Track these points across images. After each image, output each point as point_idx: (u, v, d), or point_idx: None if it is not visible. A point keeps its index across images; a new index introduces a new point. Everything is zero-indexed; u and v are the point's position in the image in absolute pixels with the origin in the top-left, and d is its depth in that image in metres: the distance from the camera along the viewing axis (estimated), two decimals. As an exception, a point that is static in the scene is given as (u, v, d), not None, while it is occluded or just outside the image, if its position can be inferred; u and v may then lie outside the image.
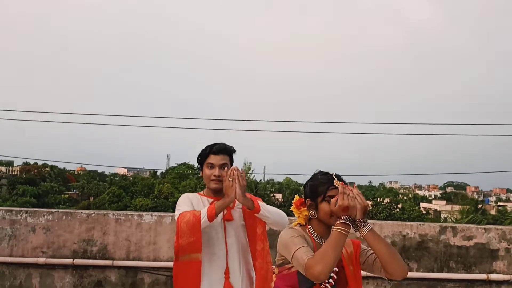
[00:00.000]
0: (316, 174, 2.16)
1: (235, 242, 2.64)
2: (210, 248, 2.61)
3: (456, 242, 4.71)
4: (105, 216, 4.84)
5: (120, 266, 4.73)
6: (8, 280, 4.72)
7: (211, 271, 2.59)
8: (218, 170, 2.65)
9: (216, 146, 2.70)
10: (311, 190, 2.13)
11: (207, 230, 2.59)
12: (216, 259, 2.60)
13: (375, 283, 4.66)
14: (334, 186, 2.05)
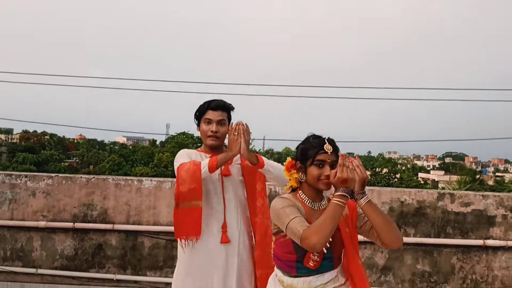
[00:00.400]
0: (308, 137, 2.15)
1: (233, 197, 2.66)
2: (208, 202, 2.63)
3: (453, 209, 4.74)
4: (104, 180, 4.85)
5: (121, 230, 4.78)
6: (9, 243, 4.77)
7: (208, 225, 2.62)
8: (215, 126, 2.63)
9: (215, 102, 2.67)
10: (301, 153, 2.13)
11: (205, 185, 2.60)
12: (215, 213, 2.62)
13: (372, 248, 4.71)
14: (324, 150, 2.04)
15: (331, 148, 2.06)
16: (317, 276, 2.06)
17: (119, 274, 4.73)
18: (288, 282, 2.09)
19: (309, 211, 2.09)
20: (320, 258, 2.04)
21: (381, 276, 4.71)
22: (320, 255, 2.03)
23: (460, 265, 4.71)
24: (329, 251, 2.06)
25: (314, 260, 2.03)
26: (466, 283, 4.70)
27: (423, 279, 4.71)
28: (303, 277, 2.06)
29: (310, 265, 2.04)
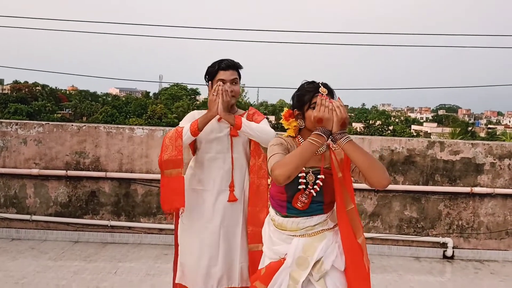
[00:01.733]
0: (302, 84, 2.15)
1: (239, 157, 2.68)
2: (217, 161, 2.65)
3: (443, 157, 4.79)
4: (96, 129, 4.84)
5: (113, 177, 4.81)
6: (2, 190, 4.81)
7: (216, 183, 2.65)
8: (229, 86, 2.60)
9: (225, 61, 2.64)
10: (297, 100, 2.12)
11: (215, 144, 2.65)
12: (223, 172, 2.65)
13: (361, 195, 4.80)
14: (320, 93, 2.04)
15: (326, 91, 2.06)
16: (305, 218, 2.10)
17: (113, 221, 4.82)
18: (279, 222, 2.14)
19: None
20: (308, 200, 2.07)
21: (370, 222, 4.82)
22: (308, 197, 2.06)
23: (447, 211, 4.82)
24: (319, 194, 2.08)
25: (302, 202, 2.07)
26: (452, 228, 4.83)
27: (410, 225, 4.83)
28: (292, 217, 2.11)
29: (298, 206, 2.07)
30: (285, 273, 2.08)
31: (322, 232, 2.10)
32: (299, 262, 2.05)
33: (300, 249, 2.06)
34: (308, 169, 2.07)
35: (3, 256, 4.26)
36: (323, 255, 2.05)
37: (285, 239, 2.12)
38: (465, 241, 4.84)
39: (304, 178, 2.06)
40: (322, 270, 2.04)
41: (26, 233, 4.78)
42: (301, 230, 2.10)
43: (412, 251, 4.82)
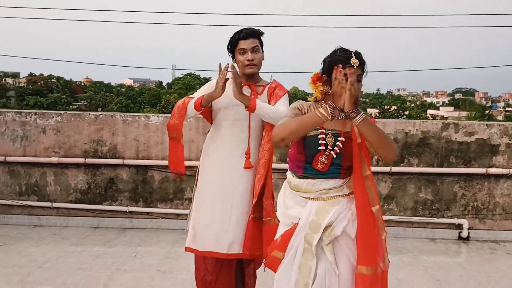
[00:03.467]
0: (335, 50, 2.13)
1: (256, 126, 2.71)
2: (235, 129, 2.70)
3: (457, 138, 4.78)
4: (112, 117, 4.93)
5: (131, 164, 4.91)
6: (23, 178, 4.94)
7: (232, 150, 2.70)
8: (250, 54, 2.62)
9: (244, 30, 2.66)
10: (328, 66, 2.12)
11: (233, 113, 2.68)
12: (239, 139, 2.69)
13: (376, 178, 4.81)
14: (351, 64, 2.02)
15: (357, 62, 2.04)
16: (321, 180, 2.14)
17: (132, 207, 4.92)
18: (295, 183, 2.20)
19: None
20: (328, 162, 2.11)
21: (384, 204, 4.85)
22: (328, 158, 2.11)
23: (462, 193, 4.82)
24: (338, 157, 2.12)
25: (322, 163, 2.11)
26: (467, 210, 4.83)
27: (425, 207, 4.84)
28: (309, 179, 2.16)
29: (318, 167, 2.12)
30: (300, 237, 2.14)
31: (336, 197, 2.14)
32: (312, 225, 2.11)
33: (313, 212, 2.12)
34: (328, 131, 2.11)
35: (26, 242, 4.40)
36: (335, 220, 2.09)
37: (300, 202, 2.18)
38: (481, 222, 4.85)
39: (324, 140, 2.10)
40: (332, 234, 2.09)
41: (47, 220, 4.92)
42: (315, 192, 2.14)
43: (427, 233, 4.85)
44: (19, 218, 4.93)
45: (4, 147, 4.89)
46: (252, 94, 2.66)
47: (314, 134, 2.12)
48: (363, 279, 2.08)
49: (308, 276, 2.14)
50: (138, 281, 3.56)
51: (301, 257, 2.15)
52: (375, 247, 2.10)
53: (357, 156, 2.10)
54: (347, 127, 2.14)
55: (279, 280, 2.24)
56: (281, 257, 2.23)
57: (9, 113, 4.93)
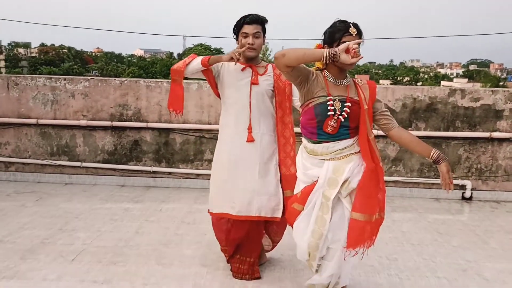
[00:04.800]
0: (335, 22, 2.36)
1: (257, 104, 2.98)
2: (238, 105, 2.99)
3: (463, 104, 5.02)
4: (136, 83, 5.23)
5: (154, 128, 5.23)
6: (54, 140, 5.30)
7: (237, 123, 3.00)
8: (251, 39, 2.89)
9: (250, 16, 2.92)
10: (328, 36, 2.36)
11: (236, 92, 2.96)
12: (242, 116, 2.98)
13: (385, 141, 5.10)
14: (349, 33, 2.27)
15: (355, 31, 2.29)
16: (334, 142, 2.42)
17: (155, 167, 5.27)
18: (311, 148, 2.49)
19: (329, 85, 2.40)
20: (337, 125, 2.39)
21: (392, 166, 5.14)
22: (337, 122, 2.38)
23: (466, 155, 5.09)
24: (346, 120, 2.39)
25: (331, 126, 2.39)
26: (471, 171, 5.11)
27: (431, 169, 5.13)
28: (323, 143, 2.44)
29: (328, 130, 2.39)
30: (318, 193, 2.45)
31: (349, 155, 2.44)
32: (330, 182, 2.42)
33: (330, 171, 2.42)
34: (335, 97, 2.38)
35: (59, 197, 4.78)
36: (350, 175, 2.40)
37: (317, 164, 2.47)
38: (483, 183, 5.13)
39: (333, 105, 2.36)
40: (349, 188, 2.40)
41: (77, 179, 5.30)
42: (330, 153, 2.43)
43: (432, 193, 5.15)
44: (51, 177, 5.32)
45: (36, 110, 5.24)
46: (253, 74, 2.94)
47: (323, 101, 2.38)
48: (356, 224, 2.39)
49: (323, 228, 2.46)
50: (165, 230, 3.93)
51: (318, 211, 2.47)
52: (374, 198, 2.41)
53: (364, 121, 2.39)
54: (352, 93, 2.41)
55: (298, 228, 2.57)
56: (300, 209, 2.55)
57: (40, 78, 5.25)
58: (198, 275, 3.11)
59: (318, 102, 2.40)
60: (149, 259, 3.33)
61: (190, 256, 3.42)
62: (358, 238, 2.39)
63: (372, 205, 2.40)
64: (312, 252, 2.54)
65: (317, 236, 2.49)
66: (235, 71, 2.96)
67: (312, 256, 2.55)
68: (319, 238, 2.48)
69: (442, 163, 2.35)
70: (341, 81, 2.42)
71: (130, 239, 3.70)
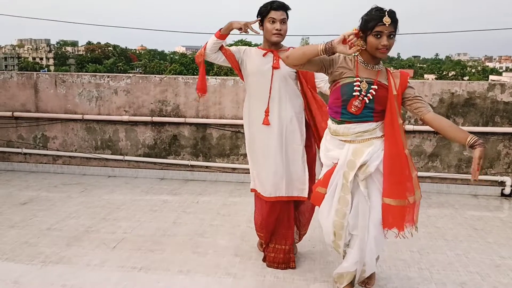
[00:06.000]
0: (371, 9, 2.38)
1: (278, 88, 3.05)
2: (258, 90, 3.07)
3: (503, 98, 4.91)
4: (175, 79, 5.41)
5: (191, 123, 5.40)
6: (99, 134, 5.56)
7: (254, 106, 3.09)
8: (279, 25, 2.98)
9: (276, 3, 3.00)
10: (363, 23, 2.38)
11: (258, 77, 3.04)
12: (262, 98, 3.06)
13: (421, 136, 5.06)
14: (383, 22, 2.29)
15: (389, 20, 2.30)
16: (356, 123, 2.47)
17: (193, 161, 5.44)
18: (334, 128, 2.56)
19: (360, 67, 2.46)
20: (361, 106, 2.43)
21: (429, 162, 5.10)
22: (361, 103, 2.43)
23: (506, 151, 4.98)
24: (371, 101, 2.43)
25: (355, 106, 2.44)
26: (511, 168, 5.00)
27: (469, 165, 5.05)
28: (345, 123, 2.50)
29: (352, 110, 2.45)
30: (339, 174, 2.53)
31: (370, 140, 2.49)
32: (349, 164, 2.49)
33: (350, 153, 2.49)
34: (363, 78, 2.43)
35: (103, 189, 5.03)
36: (369, 159, 2.45)
37: (338, 145, 2.54)
38: (524, 180, 5.01)
39: (359, 86, 2.42)
40: (367, 172, 2.46)
41: (120, 171, 5.55)
42: (352, 135, 2.49)
43: (470, 189, 5.07)
44: (95, 169, 5.59)
45: (81, 106, 5.52)
46: (275, 59, 3.01)
47: (350, 81, 2.45)
48: (389, 209, 2.46)
49: (346, 207, 2.54)
50: (201, 221, 4.08)
51: (340, 191, 2.55)
52: (403, 183, 2.44)
53: (392, 105, 2.42)
54: (382, 78, 2.45)
55: (323, 210, 2.67)
56: (324, 192, 2.64)
57: (86, 76, 5.53)
58: (230, 264, 3.23)
59: (346, 82, 2.47)
60: (185, 248, 3.48)
61: (224, 246, 3.55)
62: (393, 221, 2.47)
63: (400, 191, 2.44)
64: (337, 231, 2.62)
65: (341, 215, 2.57)
66: (257, 57, 3.04)
67: (338, 236, 2.63)
68: (343, 217, 2.57)
69: (477, 147, 2.24)
70: (373, 65, 2.46)
71: (167, 229, 3.87)
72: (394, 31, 2.34)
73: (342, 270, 2.70)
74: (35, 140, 5.66)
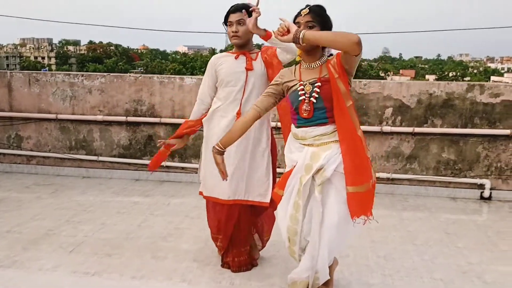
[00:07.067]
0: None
1: (251, 89, 2.97)
2: (232, 92, 2.99)
3: (482, 99, 4.80)
4: (150, 79, 5.32)
5: (167, 123, 5.31)
6: (73, 134, 5.48)
7: (226, 110, 3.00)
8: (235, 27, 2.91)
9: (233, 6, 2.95)
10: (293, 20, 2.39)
11: (232, 79, 2.95)
12: (233, 100, 2.98)
13: (399, 138, 4.96)
14: (300, 14, 2.34)
15: (307, 11, 2.32)
16: (312, 127, 2.40)
17: (168, 162, 5.35)
18: (294, 131, 2.51)
19: (302, 71, 2.42)
20: (310, 108, 2.36)
21: (407, 164, 5.00)
22: (310, 105, 2.36)
23: (485, 153, 4.88)
24: (319, 101, 2.35)
25: (305, 110, 2.37)
26: (491, 170, 4.89)
27: (448, 167, 4.95)
28: (302, 127, 2.44)
29: (304, 115, 2.38)
30: (296, 177, 2.45)
31: (328, 143, 2.39)
32: (306, 168, 2.40)
33: (308, 157, 2.40)
34: (306, 81, 2.37)
35: (75, 190, 4.94)
36: (326, 163, 2.36)
37: (298, 148, 2.47)
38: (504, 182, 4.90)
39: (303, 90, 2.36)
40: (323, 176, 2.36)
41: (94, 172, 5.46)
42: (310, 139, 2.41)
43: (449, 192, 4.97)
44: (70, 170, 5.51)
45: (55, 105, 5.43)
46: (248, 60, 2.94)
47: (295, 88, 2.40)
48: (355, 197, 2.35)
49: (298, 213, 2.44)
50: (168, 224, 3.99)
51: (295, 196, 2.46)
52: (364, 166, 2.36)
53: (337, 89, 2.31)
54: (323, 72, 2.36)
55: (279, 213, 2.60)
56: (281, 194, 2.55)
57: (59, 74, 5.44)
58: (188, 270, 3.14)
59: (292, 90, 2.43)
60: (145, 252, 3.39)
61: (185, 250, 3.46)
62: (361, 208, 2.38)
63: (363, 175, 2.36)
64: (291, 237, 2.54)
65: (294, 220, 2.49)
66: (230, 60, 2.98)
67: (292, 241, 2.55)
68: (296, 223, 2.49)
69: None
70: (313, 63, 2.39)
71: (131, 232, 3.78)
72: (311, 20, 2.31)
73: (294, 276, 2.61)
74: (9, 140, 5.58)
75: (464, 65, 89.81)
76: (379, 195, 4.97)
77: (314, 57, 2.39)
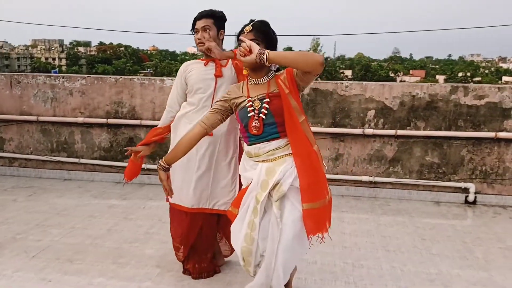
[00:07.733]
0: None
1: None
2: (200, 99, 2.92)
3: (466, 102, 4.68)
4: (131, 80, 5.27)
5: (148, 125, 5.25)
6: (54, 136, 5.45)
7: (193, 117, 2.92)
8: (200, 34, 2.86)
9: (200, 12, 2.90)
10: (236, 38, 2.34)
11: (201, 86, 2.89)
12: (202, 107, 2.91)
13: (382, 141, 4.86)
14: (244, 31, 2.29)
15: (250, 28, 2.26)
16: (265, 143, 2.32)
17: (149, 164, 5.30)
18: (246, 149, 2.42)
19: (250, 87, 2.35)
20: (260, 124, 2.28)
21: (390, 167, 4.89)
22: (259, 121, 2.28)
23: (470, 157, 4.76)
24: (270, 117, 2.27)
25: (255, 127, 2.30)
26: (475, 174, 4.77)
27: (431, 170, 4.83)
28: (254, 144, 2.35)
29: (254, 132, 2.31)
30: (251, 195, 2.36)
31: (282, 157, 2.31)
32: (262, 184, 2.31)
33: (263, 173, 2.31)
34: (254, 98, 2.29)
35: (52, 193, 4.91)
36: (282, 178, 2.27)
37: (252, 165, 2.39)
38: (489, 186, 4.77)
39: (252, 106, 2.28)
40: (280, 191, 2.27)
41: (76, 175, 5.43)
42: (263, 155, 2.32)
43: (432, 196, 4.85)
44: (51, 172, 5.48)
45: (37, 107, 5.41)
46: (217, 67, 2.88)
47: (243, 105, 2.32)
48: (311, 214, 2.26)
49: (254, 232, 2.36)
50: (138, 228, 3.94)
51: (251, 214, 2.37)
52: (320, 182, 2.28)
53: (288, 105, 2.23)
54: (272, 88, 2.29)
55: (233, 232, 2.49)
56: (236, 212, 2.46)
57: (40, 76, 5.42)
58: (147, 276, 3.07)
59: (240, 106, 2.36)
60: (107, 258, 3.33)
61: (149, 256, 3.39)
62: (317, 225, 2.29)
63: (319, 191, 2.28)
64: (245, 257, 2.44)
65: (249, 240, 2.39)
66: (200, 67, 2.92)
67: (247, 262, 2.45)
68: (251, 243, 2.39)
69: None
70: (260, 79, 2.32)
71: (98, 237, 3.72)
72: (255, 38, 2.25)
73: None
74: (-8, 142, 5.57)
75: (476, 65, 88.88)
76: (361, 198, 4.88)
77: (261, 72, 2.32)
